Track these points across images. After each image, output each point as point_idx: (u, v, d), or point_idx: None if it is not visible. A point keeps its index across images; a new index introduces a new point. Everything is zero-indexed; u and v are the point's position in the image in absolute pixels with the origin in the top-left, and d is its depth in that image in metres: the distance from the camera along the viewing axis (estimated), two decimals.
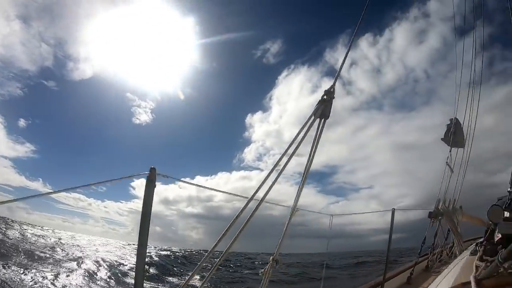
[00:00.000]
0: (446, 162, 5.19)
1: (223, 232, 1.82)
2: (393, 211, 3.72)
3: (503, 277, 1.37)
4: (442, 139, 5.49)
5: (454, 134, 5.23)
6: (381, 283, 3.72)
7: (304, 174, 2.07)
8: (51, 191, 2.04)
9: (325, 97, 2.01)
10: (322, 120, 1.99)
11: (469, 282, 1.35)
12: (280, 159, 2.05)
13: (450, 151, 5.29)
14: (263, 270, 2.02)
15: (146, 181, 1.99)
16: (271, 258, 2.01)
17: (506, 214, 4.14)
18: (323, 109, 1.98)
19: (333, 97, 2.01)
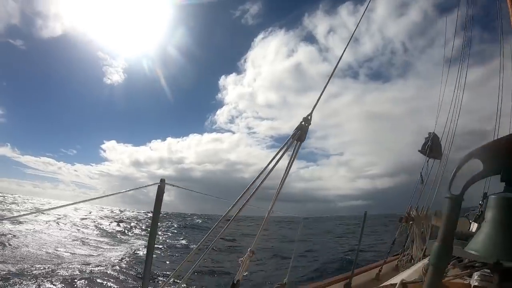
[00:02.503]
0: (420, 173, 5.52)
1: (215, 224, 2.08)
2: (365, 213, 3.97)
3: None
4: (419, 150, 5.80)
5: (430, 148, 5.53)
6: (349, 277, 3.94)
7: (279, 186, 2.35)
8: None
9: (303, 123, 2.27)
10: (299, 143, 2.26)
11: (396, 284, 1.63)
12: (258, 177, 2.31)
13: (427, 161, 5.64)
14: (242, 258, 2.29)
15: (157, 192, 2.18)
16: (249, 249, 2.28)
17: (474, 226, 4.47)
18: (300, 134, 2.25)
19: (310, 124, 2.27)
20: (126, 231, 23.80)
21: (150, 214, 2.27)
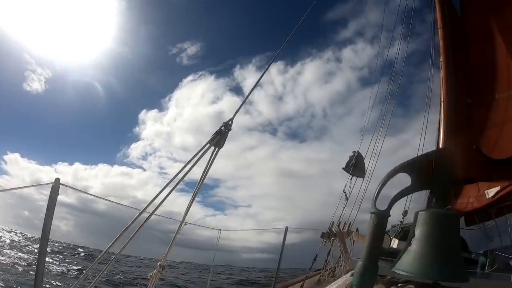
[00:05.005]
0: (343, 190, 5.85)
1: (116, 236, 1.82)
2: (286, 228, 3.97)
3: None
4: (343, 168, 6.23)
5: (354, 166, 5.99)
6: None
7: (193, 195, 2.18)
8: None
9: (222, 128, 2.17)
10: (216, 149, 2.14)
11: None
12: (167, 184, 2.14)
13: (351, 179, 6.01)
14: (151, 273, 2.08)
15: (50, 192, 1.88)
16: (158, 263, 2.08)
17: (395, 242, 4.84)
18: (218, 139, 2.14)
19: (230, 129, 2.18)
20: None
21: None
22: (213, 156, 2.14)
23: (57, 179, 2.00)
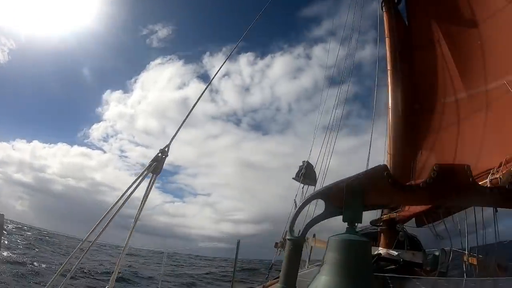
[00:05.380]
0: (294, 199, 5.95)
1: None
2: (238, 242, 3.98)
3: None
4: (293, 178, 6.37)
5: (304, 175, 6.14)
6: None
7: (134, 222, 2.21)
8: None
9: (159, 154, 2.21)
10: (154, 175, 2.18)
11: None
12: (112, 207, 2.14)
13: (303, 188, 6.15)
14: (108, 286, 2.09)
15: None
16: (107, 287, 2.08)
17: None
18: (155, 166, 2.17)
19: (167, 155, 2.22)
20: None
21: None
22: (151, 182, 2.18)
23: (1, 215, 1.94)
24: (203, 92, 2.74)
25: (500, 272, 3.81)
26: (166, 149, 2.22)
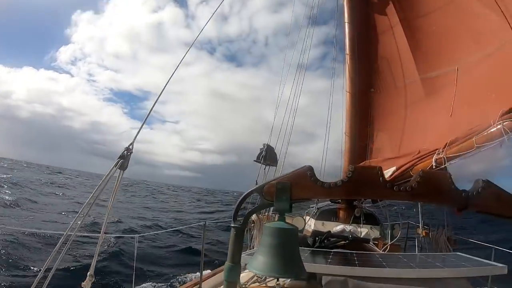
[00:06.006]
0: (256, 180, 6.21)
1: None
2: (205, 224, 4.05)
3: None
4: (255, 160, 6.67)
5: (265, 157, 6.47)
6: (198, 283, 3.94)
7: (104, 222, 2.46)
8: None
9: (125, 152, 2.42)
10: (121, 171, 2.40)
11: None
12: (84, 205, 2.36)
13: (265, 169, 6.50)
14: (83, 283, 2.35)
15: None
16: (88, 273, 2.35)
17: (312, 222, 5.35)
18: (122, 162, 2.39)
19: (132, 152, 2.44)
20: None
21: None
22: (118, 178, 2.40)
23: None
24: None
25: (450, 244, 4.21)
26: (131, 147, 2.44)
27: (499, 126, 2.40)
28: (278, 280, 1.85)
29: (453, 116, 3.39)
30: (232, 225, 1.70)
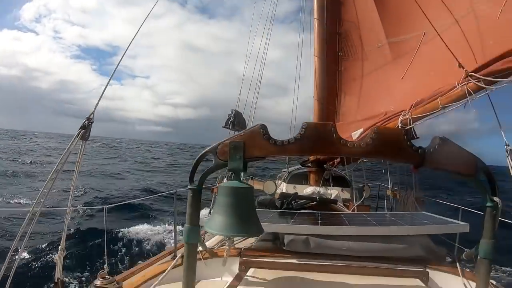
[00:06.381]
0: None
1: None
2: (175, 191, 3.86)
3: None
4: (223, 126, 6.66)
5: (233, 123, 6.49)
6: (173, 252, 3.74)
7: (70, 194, 2.37)
8: None
9: (86, 122, 2.30)
10: (83, 142, 2.30)
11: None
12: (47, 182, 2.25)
13: (234, 133, 6.40)
14: (55, 256, 2.30)
15: None
16: (60, 247, 2.28)
17: (283, 185, 5.42)
18: (83, 133, 2.29)
19: (93, 121, 2.33)
20: None
21: None
22: (81, 149, 2.30)
23: None
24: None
25: (418, 205, 4.36)
26: (92, 116, 2.32)
27: (463, 87, 2.54)
28: (231, 239, 1.90)
29: (420, 79, 3.48)
30: (189, 187, 1.69)
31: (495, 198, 1.53)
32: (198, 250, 1.93)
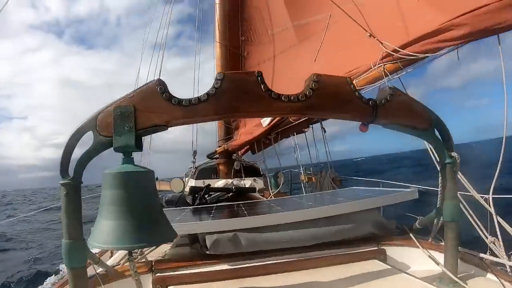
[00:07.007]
0: None
1: None
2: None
3: None
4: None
5: None
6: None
7: None
8: None
9: None
10: None
11: None
12: None
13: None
14: None
15: None
16: None
17: (191, 182, 4.77)
18: None
19: None
20: None
21: None
22: None
23: None
24: None
25: (336, 185, 4.26)
26: None
27: (380, 68, 2.40)
28: (130, 254, 1.16)
29: (330, 61, 3.36)
30: (61, 182, 1.05)
31: (453, 153, 1.34)
32: (96, 271, 1.41)
